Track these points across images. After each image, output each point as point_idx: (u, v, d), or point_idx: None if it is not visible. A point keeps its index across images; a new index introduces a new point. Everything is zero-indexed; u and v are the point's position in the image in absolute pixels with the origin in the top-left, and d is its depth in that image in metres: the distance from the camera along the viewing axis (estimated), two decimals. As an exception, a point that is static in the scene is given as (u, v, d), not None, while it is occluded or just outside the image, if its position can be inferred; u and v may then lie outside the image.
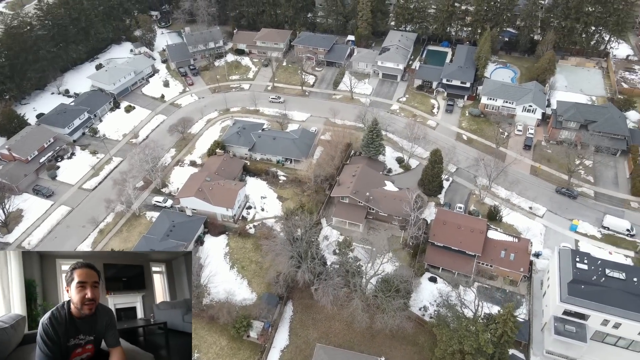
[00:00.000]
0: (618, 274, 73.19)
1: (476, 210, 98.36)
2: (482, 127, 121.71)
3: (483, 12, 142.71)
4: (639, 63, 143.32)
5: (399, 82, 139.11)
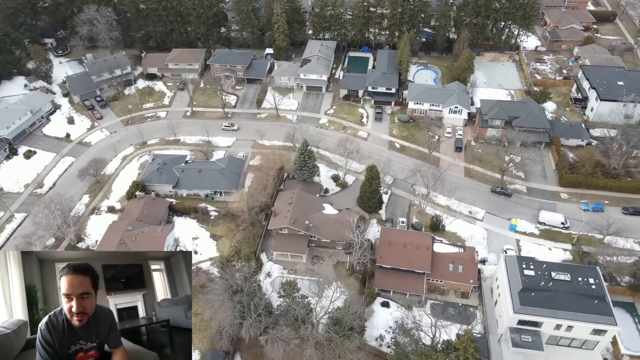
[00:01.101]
0: (563, 275, 73.37)
1: (419, 223, 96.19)
2: (413, 132, 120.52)
3: (398, 15, 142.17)
4: (547, 53, 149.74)
5: (324, 94, 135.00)
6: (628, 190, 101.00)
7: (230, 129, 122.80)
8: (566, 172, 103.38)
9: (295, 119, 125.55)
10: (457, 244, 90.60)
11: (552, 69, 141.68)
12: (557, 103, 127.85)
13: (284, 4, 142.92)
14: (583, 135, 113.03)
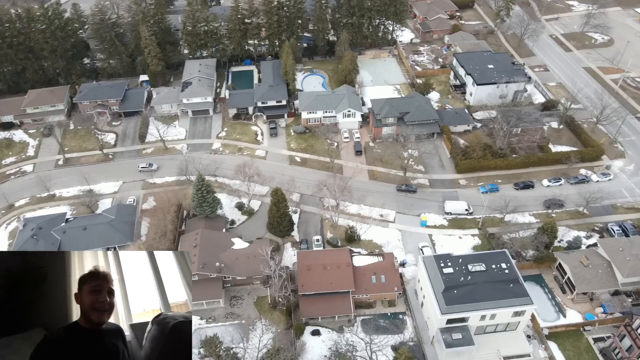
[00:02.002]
0: (479, 266, 75.09)
1: (334, 238, 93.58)
2: (311, 142, 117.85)
3: (275, 24, 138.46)
4: (422, 45, 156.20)
5: (212, 116, 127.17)
6: (515, 167, 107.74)
7: (149, 170, 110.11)
8: (460, 159, 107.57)
9: (186, 149, 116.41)
10: (375, 252, 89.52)
11: (429, 59, 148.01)
12: (440, 92, 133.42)
13: (150, 25, 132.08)
14: (468, 121, 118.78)
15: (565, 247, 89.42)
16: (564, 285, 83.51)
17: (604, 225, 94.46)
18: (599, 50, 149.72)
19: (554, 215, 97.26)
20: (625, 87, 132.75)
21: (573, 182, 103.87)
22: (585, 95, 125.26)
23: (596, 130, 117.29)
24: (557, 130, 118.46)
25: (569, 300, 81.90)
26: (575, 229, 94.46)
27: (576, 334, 77.24)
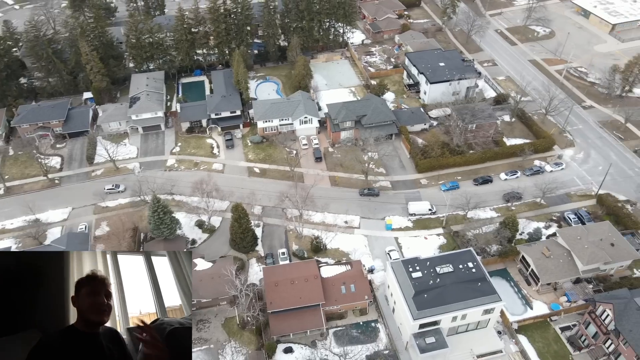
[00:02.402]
0: (446, 267, 75.08)
1: (300, 249, 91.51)
2: (270, 152, 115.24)
3: (223, 32, 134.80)
4: (373, 45, 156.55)
5: (164, 131, 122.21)
6: (473, 162, 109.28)
7: (116, 192, 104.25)
8: (420, 159, 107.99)
9: (138, 168, 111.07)
10: (342, 261, 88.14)
11: (382, 60, 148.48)
12: (395, 92, 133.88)
13: (91, 40, 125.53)
14: (425, 120, 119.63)
15: (526, 239, 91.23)
16: (529, 277, 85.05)
17: (560, 215, 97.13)
18: (541, 43, 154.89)
19: (514, 208, 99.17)
20: (569, 78, 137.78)
21: (529, 174, 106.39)
22: (533, 87, 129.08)
23: (546, 121, 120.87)
24: (510, 123, 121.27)
25: (534, 291, 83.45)
26: (534, 220, 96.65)
27: (544, 325, 78.69)
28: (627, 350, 68.37)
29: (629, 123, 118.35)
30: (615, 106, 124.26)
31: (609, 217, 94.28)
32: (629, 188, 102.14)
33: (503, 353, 74.76)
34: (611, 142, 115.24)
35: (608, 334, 71.36)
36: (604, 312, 71.95)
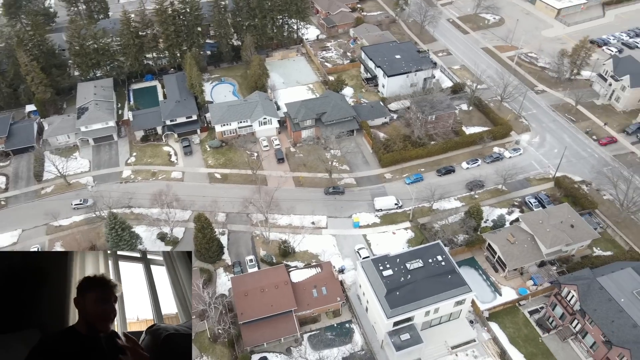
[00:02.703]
0: (417, 263, 74.97)
1: (268, 255, 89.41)
2: (230, 156, 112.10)
3: (173, 34, 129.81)
4: (328, 40, 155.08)
5: (118, 142, 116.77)
6: (435, 153, 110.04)
7: (85, 206, 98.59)
8: (382, 153, 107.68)
9: (92, 183, 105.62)
10: (312, 263, 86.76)
11: (338, 54, 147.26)
12: (353, 86, 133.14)
13: (30, 49, 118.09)
14: (385, 113, 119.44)
15: (491, 226, 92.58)
16: (496, 264, 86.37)
17: (522, 200, 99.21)
18: (492, 30, 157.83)
19: (477, 196, 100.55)
20: (520, 64, 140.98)
21: (489, 161, 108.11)
22: (488, 75, 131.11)
23: (502, 107, 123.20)
24: (468, 112, 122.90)
25: (502, 278, 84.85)
26: (497, 206, 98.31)
27: (513, 310, 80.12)
28: (593, 329, 70.43)
29: (579, 105, 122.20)
30: (566, 89, 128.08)
31: (567, 199, 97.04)
32: (584, 169, 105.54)
33: (476, 342, 75.59)
34: (564, 124, 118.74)
35: (574, 315, 73.33)
36: (569, 294, 73.86)
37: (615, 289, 70.62)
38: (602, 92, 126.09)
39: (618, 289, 70.50)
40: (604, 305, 69.73)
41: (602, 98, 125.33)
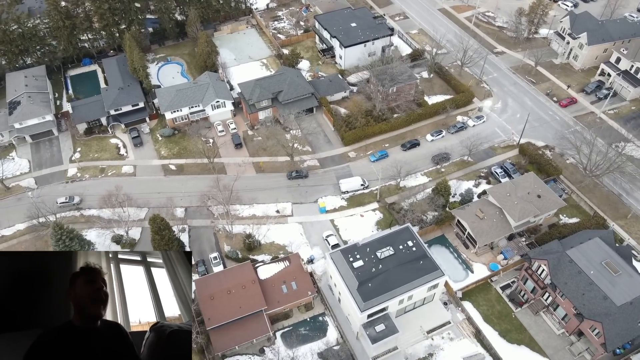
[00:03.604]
0: (387, 251, 72.56)
1: (233, 251, 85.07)
2: (184, 145, 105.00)
3: (108, 13, 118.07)
4: (280, 9, 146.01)
5: (59, 137, 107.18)
6: (398, 127, 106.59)
7: (70, 204, 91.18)
8: (345, 131, 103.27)
9: (34, 185, 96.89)
10: (279, 257, 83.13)
11: (291, 24, 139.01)
12: (309, 59, 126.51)
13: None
14: (344, 87, 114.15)
15: (459, 201, 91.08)
16: (466, 240, 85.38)
17: (488, 170, 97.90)
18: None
19: (443, 170, 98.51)
20: (478, 24, 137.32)
21: (453, 132, 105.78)
22: (447, 39, 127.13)
23: (463, 73, 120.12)
24: (429, 80, 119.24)
25: (473, 254, 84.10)
26: (464, 179, 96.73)
27: (485, 287, 79.78)
28: (564, 302, 70.76)
29: (539, 66, 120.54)
30: (525, 50, 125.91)
31: (532, 167, 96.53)
32: (546, 133, 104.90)
33: (451, 323, 75.04)
34: (525, 87, 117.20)
35: (545, 288, 73.46)
36: (540, 268, 73.69)
37: (584, 261, 70.74)
38: (560, 50, 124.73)
39: (587, 261, 70.66)
40: (574, 278, 69.89)
41: (560, 57, 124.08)
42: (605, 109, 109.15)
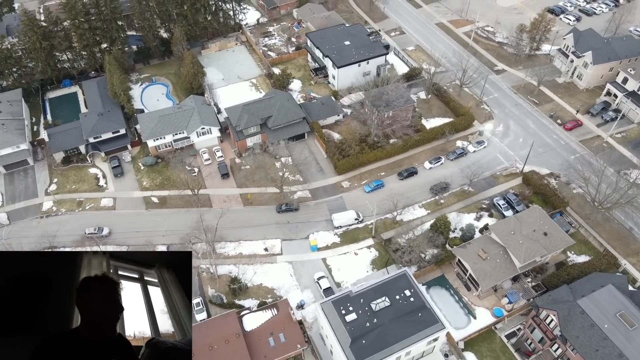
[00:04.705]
0: (383, 302, 66.71)
1: (217, 295, 79.04)
2: (168, 175, 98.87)
3: (88, 33, 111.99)
4: (271, 24, 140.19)
5: (34, 166, 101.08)
6: (395, 154, 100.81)
7: (99, 235, 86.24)
8: (338, 159, 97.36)
9: (6, 223, 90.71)
10: (267, 301, 77.18)
11: (282, 41, 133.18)
12: (301, 78, 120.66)
13: None
14: (337, 110, 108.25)
15: (460, 236, 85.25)
16: (468, 282, 79.57)
17: (490, 202, 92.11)
18: (444, 3, 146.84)
19: (443, 201, 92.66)
20: (477, 40, 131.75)
21: (452, 158, 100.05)
22: (444, 55, 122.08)
23: (462, 93, 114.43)
24: (427, 101, 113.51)
25: (475, 297, 78.27)
26: (464, 211, 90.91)
27: (489, 335, 73.94)
28: (575, 357, 64.96)
29: (541, 86, 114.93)
30: (526, 68, 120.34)
31: (537, 197, 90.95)
32: (551, 159, 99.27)
33: (453, 378, 69.27)
34: (527, 108, 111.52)
35: (554, 339, 67.69)
36: (548, 317, 67.93)
37: (597, 312, 64.95)
38: (563, 68, 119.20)
39: (600, 313, 64.86)
40: (587, 332, 64.08)
41: (563, 75, 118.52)
42: (613, 132, 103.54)
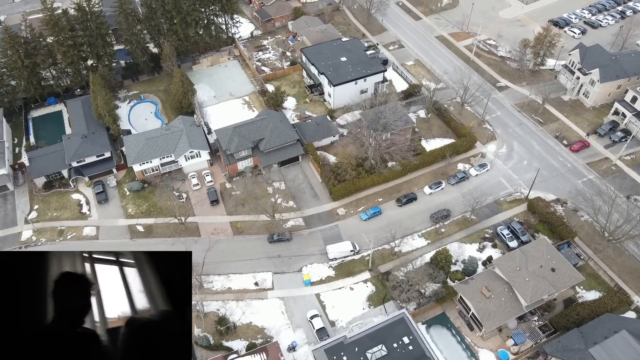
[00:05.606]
0: (379, 351, 62.03)
1: (204, 336, 74.08)
2: (154, 201, 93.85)
3: (72, 50, 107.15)
4: (265, 37, 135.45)
5: (14, 192, 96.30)
6: (393, 178, 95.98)
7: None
8: (333, 184, 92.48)
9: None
10: (256, 344, 72.27)
11: (277, 55, 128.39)
12: (296, 96, 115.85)
13: None
14: (333, 130, 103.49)
15: (462, 269, 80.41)
16: (470, 321, 74.66)
17: (493, 231, 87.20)
18: (446, 14, 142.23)
19: (443, 230, 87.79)
20: (479, 54, 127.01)
21: (454, 183, 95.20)
22: (445, 71, 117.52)
23: (463, 112, 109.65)
24: (426, 120, 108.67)
25: (479, 338, 73.37)
26: (466, 241, 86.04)
27: (494, 382, 69.10)
28: (588, 411, 60.10)
29: (546, 104, 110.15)
30: (530, 84, 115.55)
31: (542, 226, 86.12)
32: (557, 184, 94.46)
33: None
34: (531, 128, 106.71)
35: (565, 390, 62.79)
36: (558, 365, 63.06)
37: (611, 363, 60.09)
38: (569, 85, 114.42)
39: (615, 364, 60.01)
40: (600, 385, 59.26)
41: (569, 92, 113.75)
42: (622, 154, 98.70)
